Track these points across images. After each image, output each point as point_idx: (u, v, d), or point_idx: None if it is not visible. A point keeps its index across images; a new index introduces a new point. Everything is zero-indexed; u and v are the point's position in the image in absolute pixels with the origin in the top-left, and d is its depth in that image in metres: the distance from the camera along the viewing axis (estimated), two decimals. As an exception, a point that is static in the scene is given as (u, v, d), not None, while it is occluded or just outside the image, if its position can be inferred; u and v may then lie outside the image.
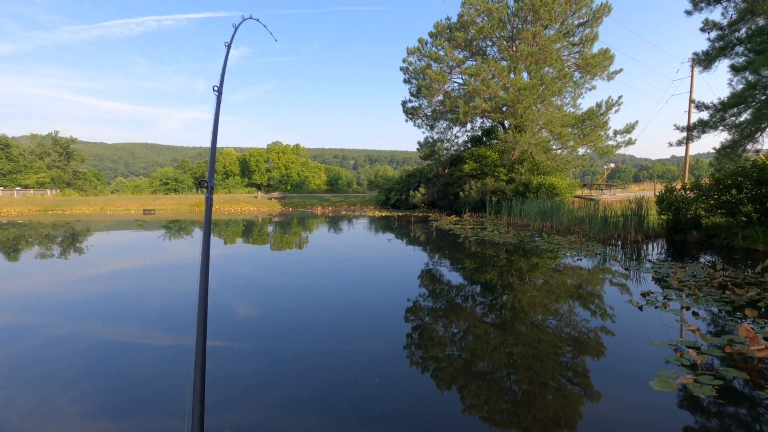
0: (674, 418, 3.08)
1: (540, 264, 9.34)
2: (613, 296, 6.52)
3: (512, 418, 3.11)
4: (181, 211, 32.20)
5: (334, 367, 3.96)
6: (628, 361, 4.11)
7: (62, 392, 3.48)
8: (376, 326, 5.17)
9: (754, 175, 10.89)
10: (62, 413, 3.17)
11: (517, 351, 4.38)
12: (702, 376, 3.56)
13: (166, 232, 16.96)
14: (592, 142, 24.08)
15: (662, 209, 12.81)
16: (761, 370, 3.73)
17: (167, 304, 6.19)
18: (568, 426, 3.01)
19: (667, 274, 7.62)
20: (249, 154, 60.23)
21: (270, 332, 4.97)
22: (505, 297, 6.59)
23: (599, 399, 3.36)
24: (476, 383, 3.64)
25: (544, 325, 5.25)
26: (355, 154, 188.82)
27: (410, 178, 31.83)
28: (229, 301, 6.30)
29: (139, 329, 5.06)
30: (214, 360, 4.11)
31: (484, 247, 11.70)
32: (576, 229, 14.89)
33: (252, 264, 9.88)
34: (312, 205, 36.19)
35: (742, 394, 3.33)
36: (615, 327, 5.02)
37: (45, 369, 3.93)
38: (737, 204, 11.38)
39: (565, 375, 3.80)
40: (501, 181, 22.87)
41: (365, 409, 3.21)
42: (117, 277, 8.13)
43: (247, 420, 3.09)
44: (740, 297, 6.01)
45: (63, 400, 3.36)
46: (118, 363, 4.09)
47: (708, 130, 11.18)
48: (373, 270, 8.79)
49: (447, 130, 27.68)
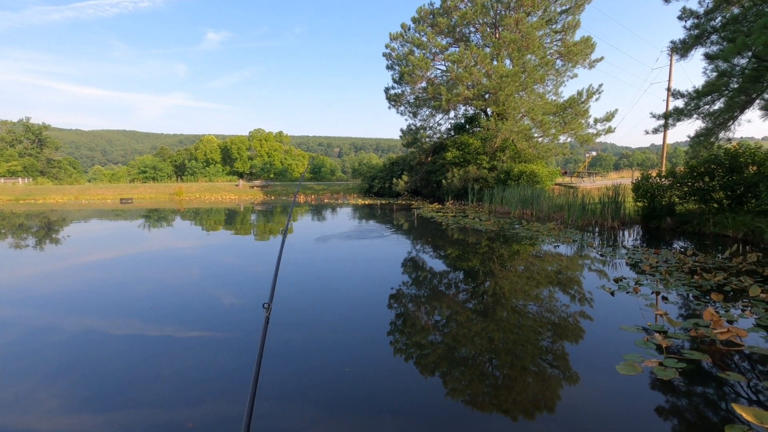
0: (638, 401, 3.13)
1: (520, 251, 9.43)
2: (588, 282, 6.62)
3: (493, 402, 3.13)
4: (160, 200, 31.50)
5: (312, 352, 3.93)
6: (597, 346, 4.18)
7: (42, 385, 3.37)
8: (359, 313, 5.14)
9: (726, 163, 11.15)
10: (42, 406, 3.08)
11: (498, 336, 4.41)
12: (667, 360, 3.64)
13: (145, 222, 16.57)
14: (573, 130, 24.33)
15: (638, 196, 13.05)
16: (724, 353, 3.83)
17: (146, 295, 6.04)
18: (546, 408, 3.05)
19: (640, 260, 7.77)
20: (231, 141, 59.07)
21: (246, 321, 4.89)
22: (487, 284, 6.63)
23: (569, 383, 3.41)
24: (459, 369, 3.65)
25: (522, 311, 5.30)
26: (340, 142, 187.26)
27: (394, 166, 31.72)
28: (211, 291, 6.19)
29: (115, 320, 4.92)
30: (193, 350, 4.03)
31: (465, 235, 11.76)
32: (555, 216, 15.08)
33: (233, 254, 9.72)
34: (295, 193, 35.84)
35: (704, 377, 3.41)
36: (587, 312, 5.10)
37: (24, 363, 3.81)
38: (709, 191, 11.66)
39: (544, 359, 3.84)
40: (483, 168, 22.97)
41: (350, 397, 3.19)
42: (94, 269, 7.91)
43: (221, 408, 3.04)
44: (708, 282, 6.17)
45: (43, 393, 3.26)
46: (98, 354, 3.97)
47: (683, 118, 11.38)
48: (355, 258, 8.74)
49: (430, 117, 27.59)
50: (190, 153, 58.36)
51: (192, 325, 4.78)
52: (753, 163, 11.02)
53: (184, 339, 4.37)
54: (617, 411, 3.06)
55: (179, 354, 4.01)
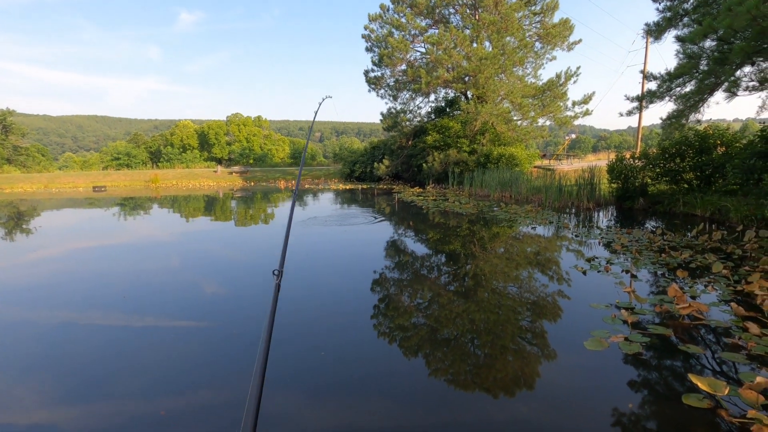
0: (605, 375, 3.30)
1: (499, 233, 9.61)
2: (563, 262, 6.83)
3: (475, 380, 3.25)
4: (135, 187, 30.66)
5: (293, 337, 3.97)
6: (569, 323, 4.35)
7: (18, 381, 3.33)
8: (341, 298, 5.19)
9: (696, 144, 11.51)
10: (19, 402, 3.05)
11: (478, 317, 4.54)
12: (633, 335, 3.83)
13: (120, 210, 16.15)
14: (552, 113, 24.58)
15: (613, 178, 13.39)
16: (685, 327, 4.05)
17: (123, 286, 5.95)
18: (526, 385, 3.19)
19: (612, 240, 8.04)
20: (208, 126, 57.54)
21: (227, 310, 4.89)
22: (468, 266, 6.76)
23: (545, 360, 3.56)
24: (441, 349, 3.76)
25: (501, 292, 5.45)
26: (322, 126, 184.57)
27: (375, 150, 31.56)
28: (191, 280, 6.14)
29: (91, 312, 4.85)
30: (178, 339, 4.03)
31: (446, 218, 11.89)
32: (533, 198, 15.36)
33: (213, 242, 9.61)
34: (275, 179, 35.36)
35: (667, 350, 3.61)
36: (562, 291, 5.28)
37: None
38: (680, 172, 12.04)
39: (522, 338, 3.98)
40: (463, 152, 23.08)
41: (335, 380, 3.25)
42: (67, 260, 7.72)
43: (204, 397, 3.07)
44: (675, 259, 6.45)
45: (19, 389, 3.22)
46: (75, 347, 3.93)
47: (656, 101, 11.64)
48: (336, 243, 8.76)
49: (410, 100, 27.40)
50: (165, 139, 56.70)
51: (172, 315, 4.76)
52: (722, 144, 11.41)
53: (164, 329, 4.35)
54: (586, 385, 3.23)
55: (159, 344, 4.00)
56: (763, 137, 9.69)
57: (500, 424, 2.73)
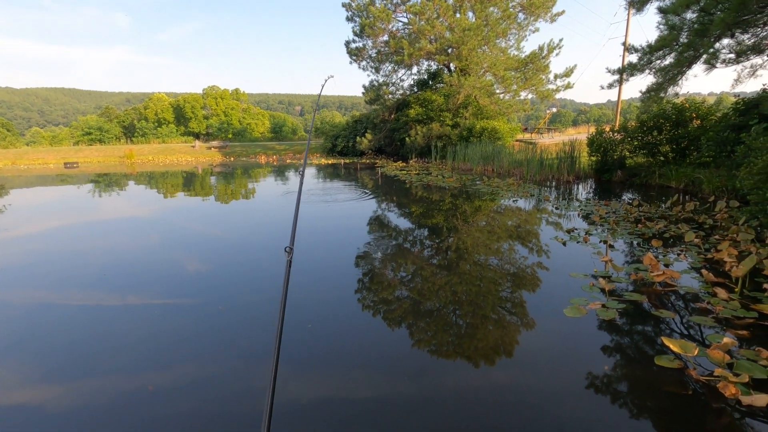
0: (583, 340, 3.43)
1: (481, 207, 9.71)
2: (543, 234, 6.97)
3: (457, 350, 3.33)
4: (109, 163, 29.65)
5: (277, 311, 3.98)
6: (549, 293, 4.47)
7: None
8: (324, 274, 5.19)
9: (673, 117, 11.71)
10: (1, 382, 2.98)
11: (461, 289, 4.61)
12: (609, 302, 3.97)
13: (95, 188, 15.63)
14: (534, 86, 24.54)
15: (592, 151, 13.56)
16: (658, 293, 4.21)
17: (101, 264, 5.81)
18: (505, 353, 3.28)
19: (591, 212, 8.21)
20: (183, 99, 55.47)
21: (210, 287, 4.85)
22: (450, 239, 6.83)
23: (525, 328, 3.66)
24: (424, 320, 3.83)
25: (483, 264, 5.54)
26: (302, 100, 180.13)
27: (357, 124, 31.09)
28: (171, 257, 6.04)
29: (69, 292, 4.75)
30: (169, 316, 3.99)
31: (429, 192, 11.92)
32: (515, 172, 15.50)
33: (193, 219, 9.42)
34: (255, 154, 34.65)
35: (641, 315, 3.76)
36: (542, 262, 5.41)
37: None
38: (657, 145, 12.28)
39: (503, 308, 4.08)
40: (446, 125, 22.96)
41: (319, 352, 3.28)
42: (40, 239, 7.47)
43: (190, 372, 3.07)
44: (650, 230, 6.65)
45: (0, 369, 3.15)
46: (54, 327, 3.85)
47: (636, 73, 11.70)
48: (320, 217, 8.70)
49: (392, 73, 26.88)
50: (139, 113, 54.53)
51: (155, 292, 4.70)
52: (697, 118, 11.64)
53: (147, 306, 4.30)
54: (564, 350, 3.35)
55: (143, 322, 3.96)
56: (737, 110, 9.91)
57: (481, 390, 2.82)
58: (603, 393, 2.70)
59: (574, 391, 2.75)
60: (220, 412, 2.62)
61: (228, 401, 2.72)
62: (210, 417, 2.58)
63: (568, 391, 2.76)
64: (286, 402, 2.67)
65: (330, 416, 2.56)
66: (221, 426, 2.49)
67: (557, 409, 2.59)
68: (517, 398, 2.73)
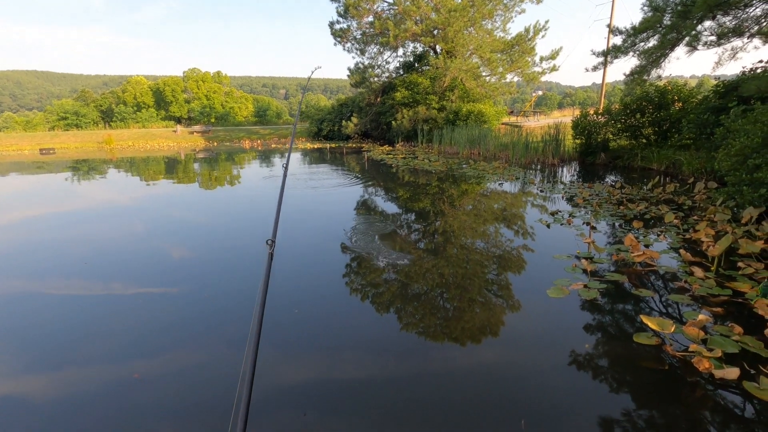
0: (566, 319, 3.52)
1: (468, 190, 9.76)
2: (528, 217, 7.06)
3: (444, 332, 3.38)
4: (88, 149, 28.81)
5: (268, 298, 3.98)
6: (533, 274, 4.55)
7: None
8: (312, 259, 5.19)
9: (656, 100, 11.84)
10: None
11: (448, 272, 4.66)
12: (591, 282, 4.07)
13: (73, 174, 15.20)
14: (520, 69, 24.48)
15: (577, 134, 13.69)
16: (638, 273, 4.33)
17: (83, 252, 5.70)
18: (491, 333, 3.35)
19: (575, 194, 8.33)
20: (163, 83, 53.80)
21: (195, 276, 4.81)
22: (437, 223, 6.87)
23: (510, 310, 3.74)
24: (412, 304, 3.86)
25: (470, 247, 5.60)
26: (286, 83, 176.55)
27: (342, 107, 30.71)
28: (155, 245, 5.95)
29: (51, 281, 4.65)
30: (151, 305, 3.95)
31: (416, 176, 11.92)
32: (501, 155, 15.57)
33: (176, 205, 9.27)
34: (239, 139, 34.06)
35: (622, 295, 3.87)
36: (527, 244, 5.49)
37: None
38: (640, 127, 12.44)
39: (489, 290, 4.15)
40: (432, 109, 22.85)
41: (307, 335, 3.30)
42: (18, 228, 7.27)
43: (177, 359, 3.06)
44: (632, 211, 6.79)
45: None
46: (37, 317, 3.78)
47: (620, 56, 11.77)
48: (306, 202, 8.64)
49: (378, 55, 26.49)
50: (117, 96, 52.79)
51: (138, 281, 4.64)
52: (679, 100, 11.79)
53: (131, 296, 4.25)
54: (547, 329, 3.43)
55: (128, 310, 3.92)
56: (717, 93, 10.06)
57: (467, 369, 2.89)
58: (584, 369, 2.79)
59: (557, 369, 2.83)
60: (206, 397, 2.63)
61: (213, 387, 2.73)
62: (196, 403, 2.59)
63: (552, 369, 2.84)
64: (274, 384, 2.70)
65: (319, 397, 2.59)
66: (207, 411, 2.51)
67: (541, 386, 2.67)
68: (503, 376, 2.80)
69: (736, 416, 2.35)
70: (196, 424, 2.43)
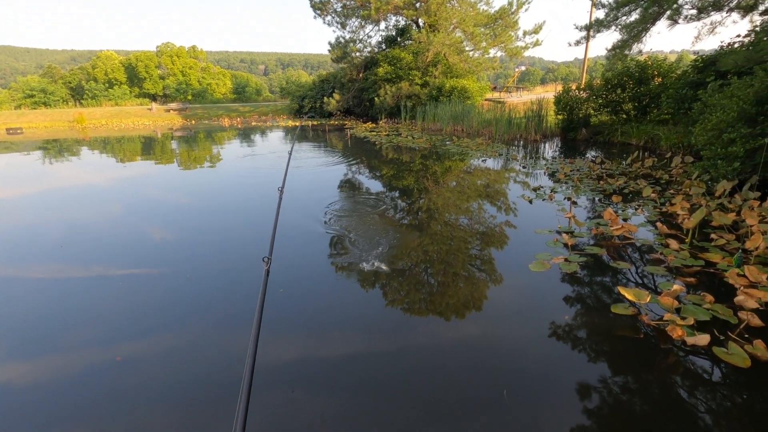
0: (547, 292, 3.61)
1: (451, 167, 9.76)
2: (511, 193, 7.13)
3: (429, 307, 3.43)
4: (58, 128, 27.64)
5: (252, 277, 3.96)
6: (515, 249, 4.63)
7: None
8: (296, 238, 5.15)
9: (636, 75, 11.92)
10: None
11: (432, 248, 4.69)
12: (572, 256, 4.16)
13: (44, 155, 14.59)
14: (503, 43, 24.23)
15: (559, 110, 13.74)
16: (616, 246, 4.44)
17: (60, 235, 5.53)
18: (475, 307, 3.42)
19: (557, 170, 8.43)
20: (135, 58, 51.51)
21: (179, 258, 4.74)
22: (421, 200, 6.86)
23: (493, 284, 3.81)
24: (396, 280, 3.89)
25: (454, 224, 5.64)
26: (265, 58, 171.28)
27: (324, 83, 30.01)
28: (134, 226, 5.82)
29: (28, 265, 4.52)
30: (130, 288, 3.88)
31: (399, 154, 11.85)
32: (484, 131, 15.56)
33: (155, 186, 9.03)
34: (218, 117, 33.12)
35: (600, 267, 3.97)
36: (509, 220, 5.56)
37: None
38: (620, 103, 12.55)
39: (472, 265, 4.20)
40: (415, 85, 22.55)
41: (292, 315, 3.31)
42: (-20, 211, 7.00)
43: (164, 341, 3.04)
44: (611, 186, 6.92)
45: None
46: (16, 302, 3.69)
47: (602, 30, 11.76)
48: (289, 180, 8.51)
49: (359, 29, 25.80)
50: (86, 72, 50.39)
51: (117, 263, 4.55)
52: (659, 75, 11.90)
53: (111, 278, 4.17)
54: (529, 302, 3.52)
55: (108, 294, 3.85)
56: (695, 68, 10.18)
57: (451, 342, 2.95)
58: (564, 340, 2.88)
59: (538, 340, 2.92)
60: (196, 377, 2.63)
61: (198, 369, 2.73)
62: (187, 383, 2.59)
63: (533, 340, 2.93)
64: (262, 363, 2.71)
65: (305, 373, 2.62)
66: (199, 391, 2.51)
67: (522, 357, 2.75)
68: (485, 348, 2.87)
69: (704, 380, 2.47)
70: (191, 405, 2.44)
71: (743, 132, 5.68)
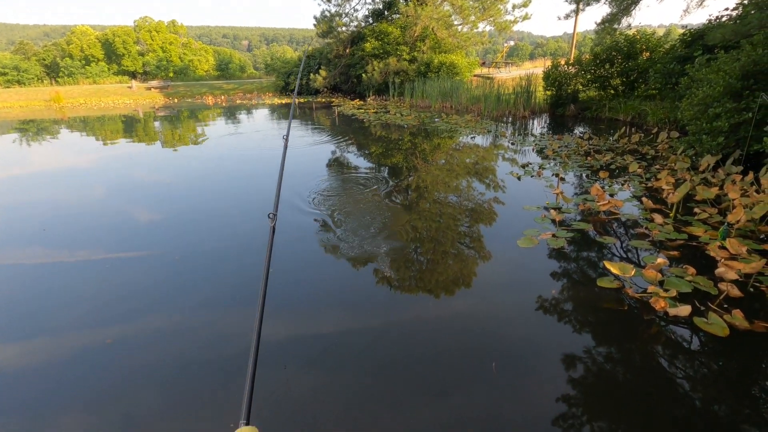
0: (535, 267, 3.66)
1: (440, 144, 9.71)
2: (499, 170, 7.14)
3: (419, 284, 3.47)
4: (34, 108, 26.68)
5: (243, 254, 3.95)
6: (504, 225, 4.67)
7: None
8: (286, 218, 5.11)
9: (625, 49, 11.86)
10: None
11: (421, 226, 4.71)
12: (559, 232, 4.21)
13: (21, 136, 14.10)
14: (492, 17, 23.81)
15: (547, 85, 13.67)
16: (603, 221, 4.51)
17: (42, 218, 5.40)
18: (464, 284, 3.46)
19: (545, 146, 8.45)
20: (112, 33, 49.47)
21: (168, 238, 4.68)
22: (410, 178, 6.84)
23: (482, 260, 3.85)
24: (386, 259, 3.90)
25: (443, 201, 5.65)
26: (249, 33, 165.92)
27: (310, 59, 29.29)
28: (118, 208, 5.71)
29: (10, 248, 4.43)
30: (119, 271, 3.83)
31: (388, 131, 11.73)
32: (473, 108, 15.44)
33: (138, 167, 8.83)
34: (201, 95, 32.24)
35: (587, 242, 4.04)
36: (498, 197, 5.59)
37: None
38: (608, 78, 12.52)
39: (461, 242, 4.24)
40: (404, 60, 22.14)
41: (286, 296, 3.31)
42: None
43: (151, 323, 3.03)
44: (598, 162, 6.97)
45: None
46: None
47: (592, 2, 11.62)
48: (277, 162, 8.40)
49: (345, 2, 25.06)
50: (61, 49, 48.31)
51: (103, 245, 4.49)
52: (647, 50, 11.85)
53: (95, 261, 4.12)
54: (517, 278, 3.58)
55: (94, 276, 3.81)
56: (683, 42, 10.15)
57: (441, 317, 3.00)
58: (551, 313, 2.95)
59: (526, 313, 2.98)
60: (192, 357, 2.65)
61: (197, 348, 2.74)
62: (187, 362, 2.60)
63: (521, 314, 2.99)
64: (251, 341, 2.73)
65: (297, 351, 2.65)
66: (202, 367, 2.53)
67: (511, 330, 2.81)
68: (475, 322, 2.93)
69: (684, 348, 2.56)
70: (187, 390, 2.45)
71: (728, 107, 5.73)
